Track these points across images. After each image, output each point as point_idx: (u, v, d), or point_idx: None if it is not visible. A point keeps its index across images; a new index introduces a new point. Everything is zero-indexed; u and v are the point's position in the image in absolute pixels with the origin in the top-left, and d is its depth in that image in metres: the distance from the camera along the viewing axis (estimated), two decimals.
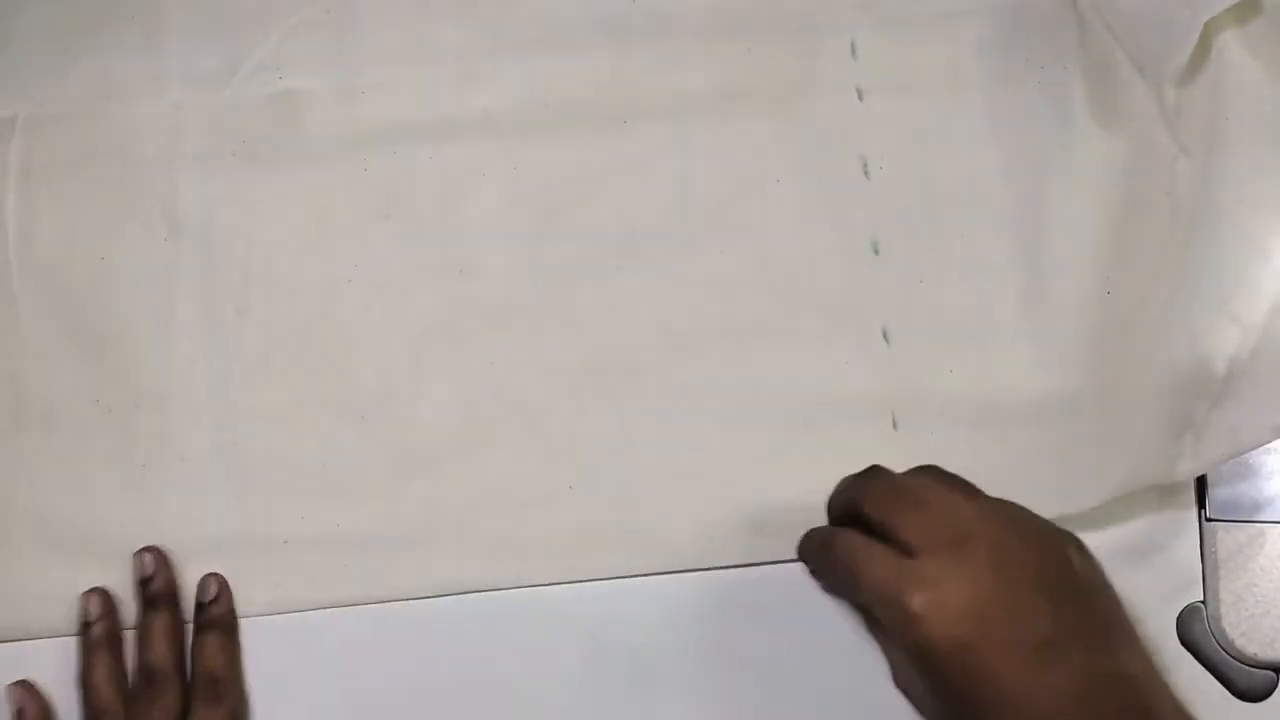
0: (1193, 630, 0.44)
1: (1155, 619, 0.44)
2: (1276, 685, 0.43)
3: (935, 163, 0.47)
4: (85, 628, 0.44)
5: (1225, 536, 0.44)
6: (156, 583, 0.44)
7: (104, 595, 0.44)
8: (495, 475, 0.46)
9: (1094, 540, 0.43)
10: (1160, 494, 0.44)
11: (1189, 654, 0.43)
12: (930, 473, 0.40)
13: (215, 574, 0.45)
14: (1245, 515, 0.44)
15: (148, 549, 0.44)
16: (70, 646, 0.44)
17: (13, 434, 0.47)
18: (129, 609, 0.45)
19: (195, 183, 0.48)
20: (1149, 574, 0.44)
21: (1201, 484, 0.44)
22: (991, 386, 0.45)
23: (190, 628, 0.44)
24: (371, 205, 0.48)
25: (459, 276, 0.47)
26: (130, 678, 0.44)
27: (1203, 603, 0.44)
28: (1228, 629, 0.43)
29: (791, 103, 0.48)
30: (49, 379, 0.47)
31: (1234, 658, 0.43)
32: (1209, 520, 0.44)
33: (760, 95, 0.48)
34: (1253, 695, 0.43)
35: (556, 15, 0.49)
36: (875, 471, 0.41)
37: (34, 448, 0.46)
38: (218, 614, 0.44)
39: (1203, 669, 0.43)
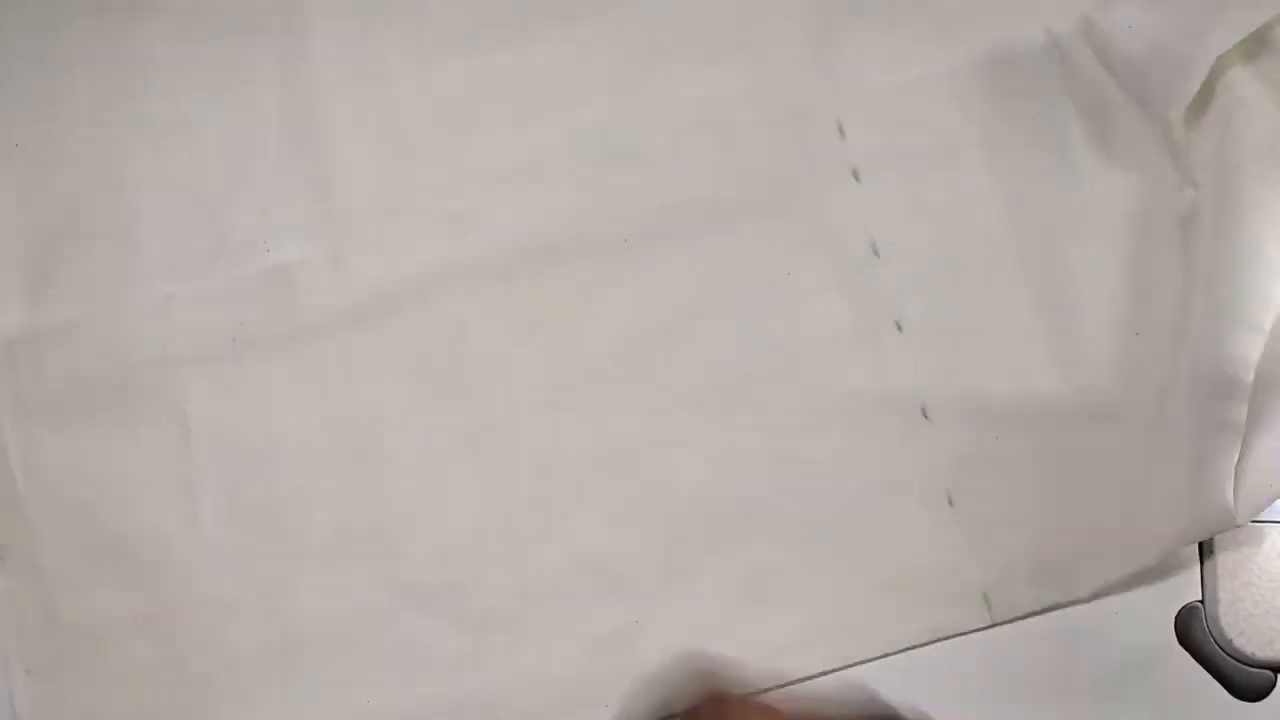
0: (1191, 630, 0.44)
1: (1154, 619, 0.44)
2: (1275, 685, 0.43)
3: (942, 230, 0.46)
4: None
5: (1224, 536, 0.44)
6: None
7: None
8: (562, 622, 0.44)
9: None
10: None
11: (1187, 654, 0.44)
12: None
13: None
14: None
15: None
16: None
17: (56, 670, 0.45)
18: None
19: (198, 376, 0.46)
20: (1148, 573, 0.44)
21: None
22: (1039, 447, 0.45)
23: None
24: (381, 367, 0.46)
25: (487, 426, 0.46)
26: None
27: (1201, 602, 0.44)
28: (1226, 628, 0.43)
29: (791, 193, 0.47)
30: (82, 604, 0.45)
31: (1232, 657, 0.43)
32: None
33: (759, 190, 0.47)
34: (1251, 695, 0.43)
35: (537, 139, 0.48)
36: None
37: (81, 680, 0.45)
38: None
39: (1201, 669, 0.43)
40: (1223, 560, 0.44)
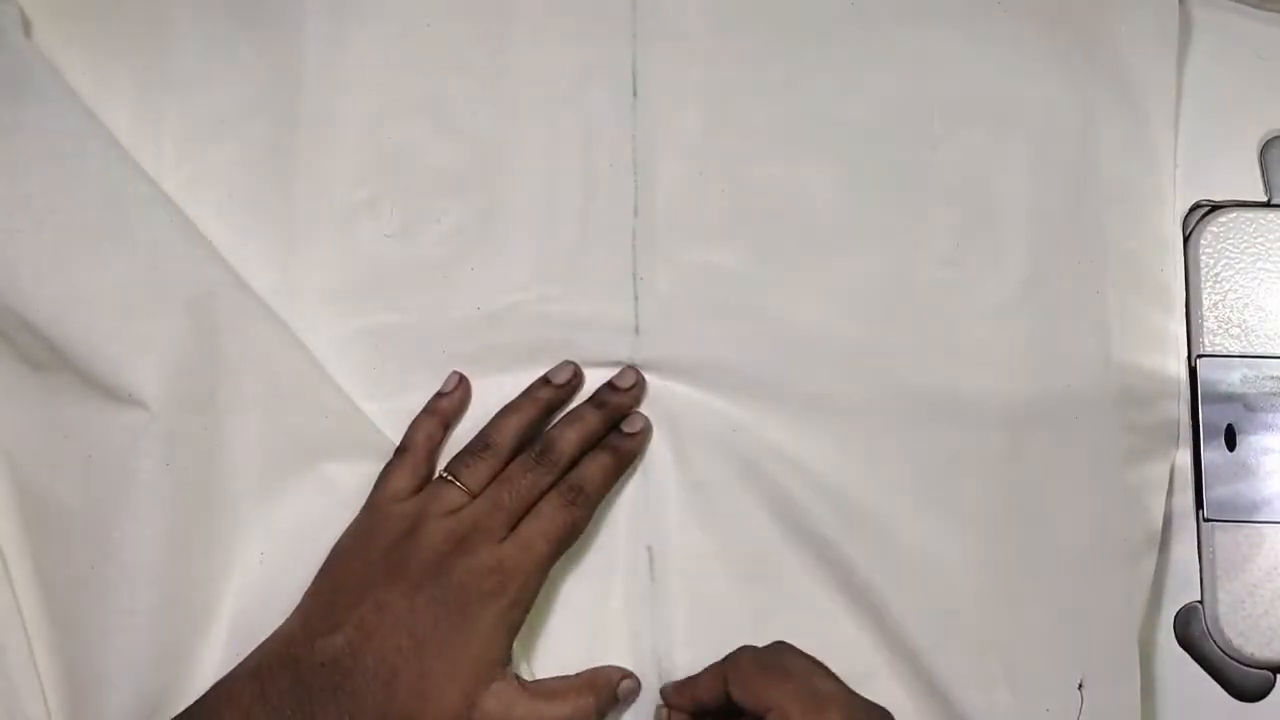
0: (1190, 630, 0.44)
1: (1154, 619, 0.44)
2: (1273, 685, 0.43)
3: None
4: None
5: (1223, 537, 0.44)
6: (612, 395, 0.44)
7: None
8: None
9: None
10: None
11: (1186, 654, 0.44)
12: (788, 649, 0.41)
13: (642, 415, 0.45)
14: (1243, 516, 0.44)
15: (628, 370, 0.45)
16: None
17: None
18: None
19: None
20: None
21: (1199, 484, 0.45)
22: None
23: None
24: None
25: None
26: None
27: (1200, 603, 0.44)
28: (1225, 629, 0.44)
29: None
30: None
31: (1231, 658, 0.43)
32: (1207, 520, 0.44)
33: None
34: (1250, 695, 0.43)
35: None
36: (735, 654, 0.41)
37: None
38: (627, 447, 0.44)
39: (1200, 669, 0.44)
40: (1222, 561, 0.44)
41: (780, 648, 0.41)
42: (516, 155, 0.47)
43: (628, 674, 0.43)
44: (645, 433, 0.45)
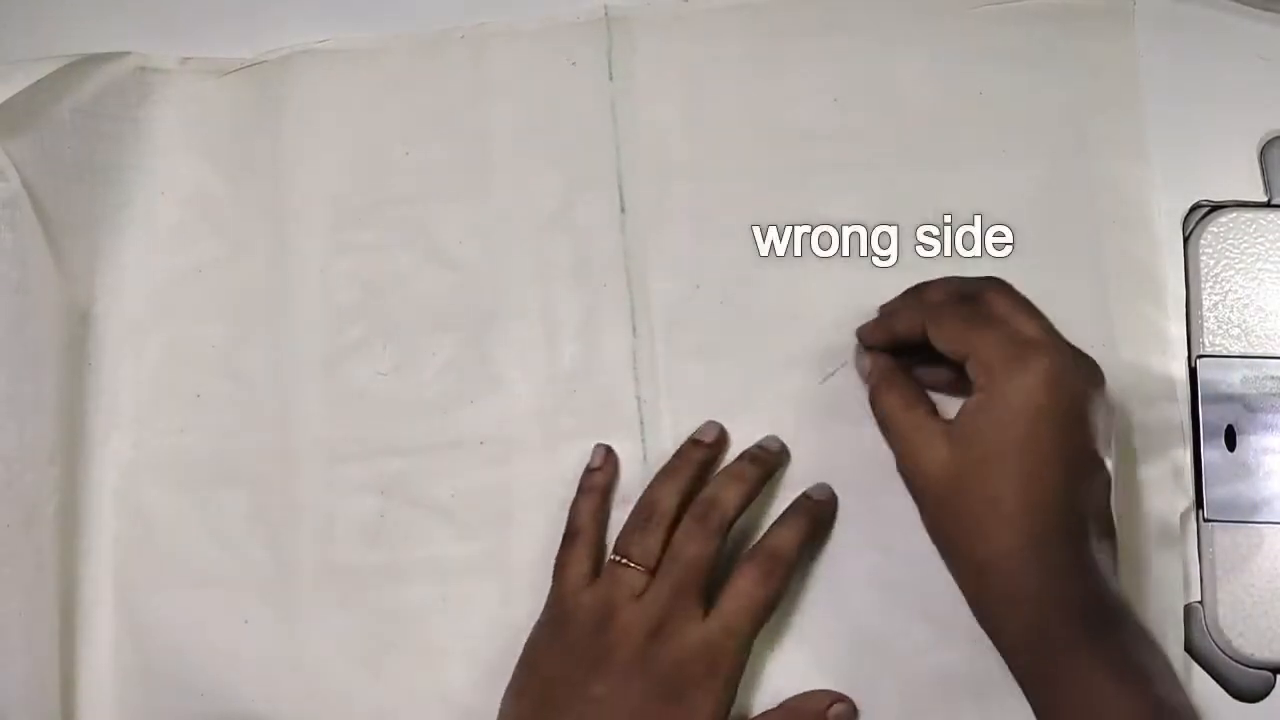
0: (1190, 630, 0.44)
1: (1154, 619, 0.44)
2: (1273, 685, 0.43)
3: None
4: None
5: (1223, 537, 0.44)
6: (763, 452, 0.44)
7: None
8: None
9: None
10: (1157, 495, 0.44)
11: (1187, 654, 0.44)
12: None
13: (826, 485, 0.44)
14: (1243, 516, 0.44)
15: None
16: None
17: None
18: None
19: None
20: (1147, 574, 0.44)
21: (1199, 484, 0.44)
22: None
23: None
24: None
25: None
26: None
27: (1200, 603, 0.44)
28: (1225, 629, 0.44)
29: None
30: None
31: (1231, 658, 0.43)
32: (1207, 520, 0.44)
33: None
34: (1250, 695, 0.43)
35: None
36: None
37: None
38: (819, 510, 0.43)
39: (1200, 669, 0.44)
40: (1222, 561, 0.44)
41: (985, 285, 0.40)
42: (508, 281, 0.46)
43: (839, 698, 0.42)
44: (833, 499, 0.44)
